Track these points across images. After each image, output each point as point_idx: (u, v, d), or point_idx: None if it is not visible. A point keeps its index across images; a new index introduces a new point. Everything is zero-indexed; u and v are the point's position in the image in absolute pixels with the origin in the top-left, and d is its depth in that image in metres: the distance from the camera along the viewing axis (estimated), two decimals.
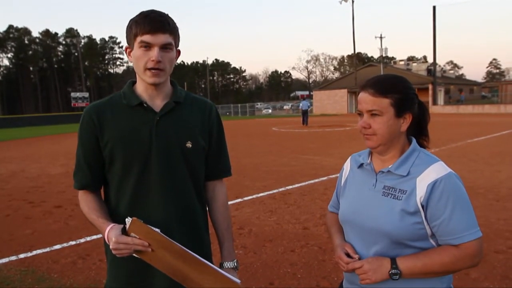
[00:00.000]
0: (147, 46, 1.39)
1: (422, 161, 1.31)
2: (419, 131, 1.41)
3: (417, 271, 1.25)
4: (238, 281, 1.33)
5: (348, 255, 1.36)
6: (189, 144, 1.50)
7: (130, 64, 1.48)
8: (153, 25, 1.38)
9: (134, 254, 1.31)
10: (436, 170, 1.27)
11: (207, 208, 1.67)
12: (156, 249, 1.29)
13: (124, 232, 1.31)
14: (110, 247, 1.31)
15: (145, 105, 1.47)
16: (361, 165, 1.44)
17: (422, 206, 1.26)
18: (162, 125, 1.48)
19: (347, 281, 1.46)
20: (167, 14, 1.45)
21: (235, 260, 1.62)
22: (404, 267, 1.25)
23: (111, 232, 1.33)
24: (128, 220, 1.29)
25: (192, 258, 1.31)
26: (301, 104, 27.18)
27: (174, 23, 1.45)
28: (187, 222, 1.53)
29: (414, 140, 1.37)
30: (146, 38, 1.38)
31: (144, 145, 1.45)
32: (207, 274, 1.32)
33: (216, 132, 1.62)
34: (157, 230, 1.30)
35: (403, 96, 1.30)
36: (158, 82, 1.45)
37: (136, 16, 1.43)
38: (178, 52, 1.52)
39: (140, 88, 1.50)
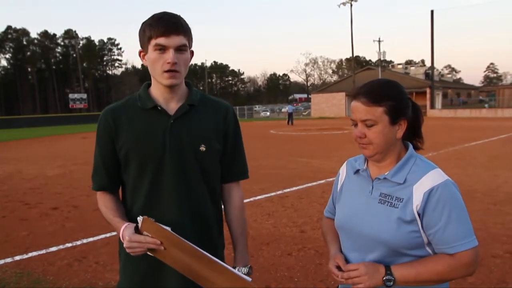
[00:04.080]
0: (162, 48, 1.39)
1: (419, 168, 1.29)
2: (413, 134, 1.39)
3: (411, 279, 1.24)
4: (249, 279, 1.32)
5: (339, 268, 1.34)
6: (202, 148, 1.50)
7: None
8: (167, 27, 1.37)
9: (148, 253, 1.32)
10: (433, 178, 1.25)
11: (223, 211, 1.67)
12: (168, 247, 1.29)
13: (137, 230, 1.31)
14: (124, 245, 1.32)
15: (159, 108, 1.48)
16: (357, 171, 1.43)
17: (419, 215, 1.24)
18: (176, 128, 1.48)
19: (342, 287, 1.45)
20: (180, 16, 1.45)
21: (248, 266, 1.61)
22: (398, 275, 1.24)
23: (125, 230, 1.34)
24: (140, 219, 1.30)
25: (203, 256, 1.31)
26: (287, 108, 34.49)
27: (187, 24, 1.45)
28: (199, 225, 1.52)
29: (410, 146, 1.36)
30: (161, 40, 1.37)
31: (158, 148, 1.46)
32: (218, 272, 1.32)
33: (232, 134, 1.61)
34: (168, 228, 1.30)
35: (397, 103, 1.28)
36: (175, 84, 1.45)
37: (149, 19, 1.42)
38: (192, 53, 1.51)
39: (156, 91, 1.50)
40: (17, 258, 4.28)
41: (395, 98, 1.28)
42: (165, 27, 1.37)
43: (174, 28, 1.38)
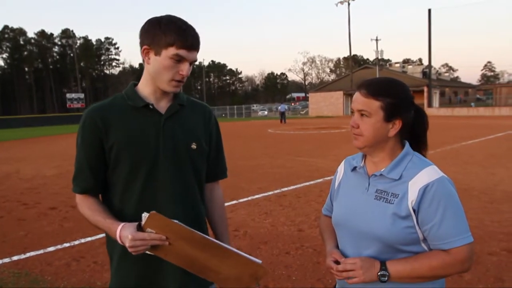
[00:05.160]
0: (180, 59, 1.39)
1: (415, 165, 1.30)
2: (415, 138, 1.39)
3: (406, 275, 1.25)
4: (259, 261, 1.33)
5: (337, 262, 1.35)
6: (193, 145, 1.51)
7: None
8: (193, 42, 1.39)
9: (147, 251, 1.29)
10: (428, 174, 1.26)
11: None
12: (174, 242, 1.28)
13: (140, 228, 1.29)
14: (127, 245, 1.28)
15: (150, 107, 1.47)
16: (354, 168, 1.44)
17: (414, 210, 1.25)
18: (169, 126, 1.48)
19: (340, 286, 1.46)
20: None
21: None
22: (393, 270, 1.25)
23: (124, 230, 1.30)
24: (145, 215, 1.27)
25: (212, 244, 1.31)
26: (279, 107, 35.82)
27: None
28: (193, 223, 1.51)
29: (407, 144, 1.36)
30: (183, 53, 1.37)
31: (151, 146, 1.45)
32: (227, 258, 1.32)
33: (215, 135, 1.65)
34: (176, 221, 1.29)
35: (395, 101, 1.29)
36: (177, 92, 1.49)
37: (170, 23, 1.38)
38: None
39: (147, 90, 1.50)
40: (15, 258, 4.28)
41: (395, 97, 1.29)
42: (192, 42, 1.38)
43: (197, 44, 1.41)
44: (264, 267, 1.34)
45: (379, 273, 1.25)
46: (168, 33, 1.36)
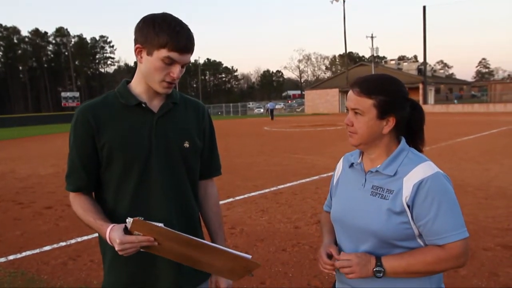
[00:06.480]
0: (171, 62, 1.36)
1: (410, 161, 1.31)
2: (412, 134, 1.39)
3: (401, 270, 1.26)
4: (248, 256, 1.32)
5: (330, 256, 1.36)
6: (186, 144, 1.50)
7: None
8: (186, 45, 1.35)
9: (141, 249, 1.30)
10: (423, 170, 1.26)
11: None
12: (162, 242, 1.29)
13: (127, 231, 1.28)
14: (116, 248, 1.27)
15: (143, 105, 1.46)
16: (352, 165, 1.45)
17: (408, 206, 1.26)
18: (161, 125, 1.47)
19: (339, 281, 1.47)
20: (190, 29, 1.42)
21: None
22: (388, 266, 1.26)
23: (112, 233, 1.29)
24: (129, 221, 1.26)
25: (200, 244, 1.31)
26: (268, 105, 38.83)
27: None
28: (186, 222, 1.53)
29: (403, 140, 1.37)
30: (174, 55, 1.34)
31: (144, 146, 1.44)
32: (217, 255, 1.33)
33: (208, 132, 1.64)
34: (160, 224, 1.29)
35: (388, 98, 1.29)
36: (168, 93, 1.47)
37: (163, 23, 1.34)
38: None
39: (139, 88, 1.48)
40: (11, 257, 4.26)
41: (387, 94, 1.29)
42: (185, 45, 1.35)
43: (190, 47, 1.37)
44: (254, 261, 1.34)
45: (374, 269, 1.26)
46: (160, 34, 1.32)
